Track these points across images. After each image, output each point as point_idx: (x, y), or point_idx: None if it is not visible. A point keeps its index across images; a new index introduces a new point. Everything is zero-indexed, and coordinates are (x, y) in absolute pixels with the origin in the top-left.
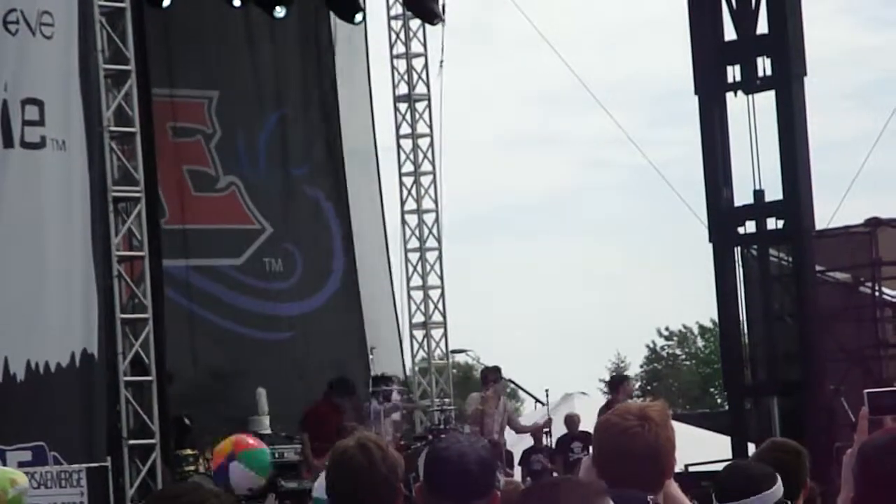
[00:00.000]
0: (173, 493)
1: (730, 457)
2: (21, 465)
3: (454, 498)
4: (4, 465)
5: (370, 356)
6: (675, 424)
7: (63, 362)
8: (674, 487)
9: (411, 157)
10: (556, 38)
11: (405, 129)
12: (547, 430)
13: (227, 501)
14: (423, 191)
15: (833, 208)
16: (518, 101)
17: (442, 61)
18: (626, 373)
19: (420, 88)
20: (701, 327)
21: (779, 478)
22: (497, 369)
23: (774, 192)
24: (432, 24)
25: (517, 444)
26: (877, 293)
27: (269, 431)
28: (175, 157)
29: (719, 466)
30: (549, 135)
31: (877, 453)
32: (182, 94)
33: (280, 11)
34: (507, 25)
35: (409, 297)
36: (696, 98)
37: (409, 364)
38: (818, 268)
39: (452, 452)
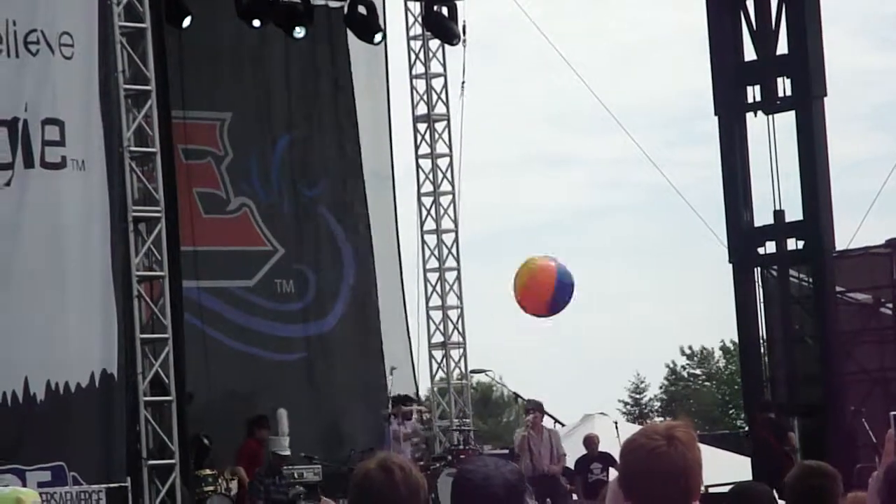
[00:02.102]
0: None
1: (749, 478)
2: (41, 485)
3: None
4: (24, 485)
5: (390, 376)
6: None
7: (83, 383)
8: None
9: (430, 177)
10: (575, 58)
11: (424, 149)
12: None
13: None
14: (442, 211)
15: (853, 229)
16: (536, 120)
17: (463, 82)
18: (647, 394)
19: (439, 108)
20: (722, 347)
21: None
22: (539, 403)
23: (794, 213)
24: (452, 44)
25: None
26: None
27: (288, 452)
28: (186, 179)
29: None
30: (566, 154)
31: None
32: (194, 115)
33: (299, 32)
34: (525, 46)
35: (429, 317)
36: (713, 118)
37: (427, 384)
38: (838, 288)
39: (478, 475)
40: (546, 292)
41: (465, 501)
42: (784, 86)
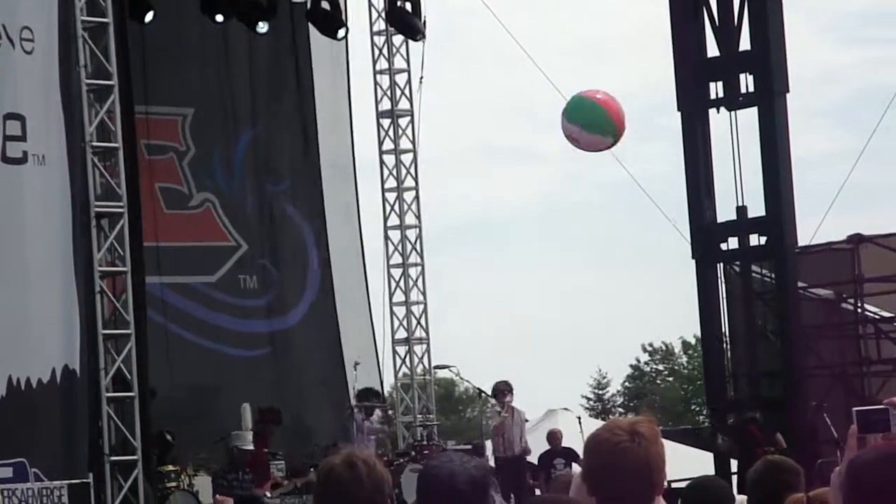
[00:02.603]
0: None
1: (712, 472)
2: (1, 481)
3: None
4: None
5: (354, 371)
6: None
7: (44, 378)
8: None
9: (394, 172)
10: (537, 52)
11: (388, 145)
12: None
13: None
14: (405, 206)
15: (815, 225)
16: (498, 114)
17: (421, 77)
18: (609, 390)
19: (403, 104)
20: (684, 343)
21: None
22: (508, 382)
23: (757, 209)
24: (415, 39)
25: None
26: (859, 309)
27: (251, 447)
28: (148, 175)
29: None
30: (528, 149)
31: (865, 470)
32: (156, 111)
33: (262, 27)
34: (487, 40)
35: (392, 312)
36: (675, 113)
37: (391, 380)
38: (801, 284)
39: (443, 471)
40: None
41: (431, 498)
42: (747, 82)
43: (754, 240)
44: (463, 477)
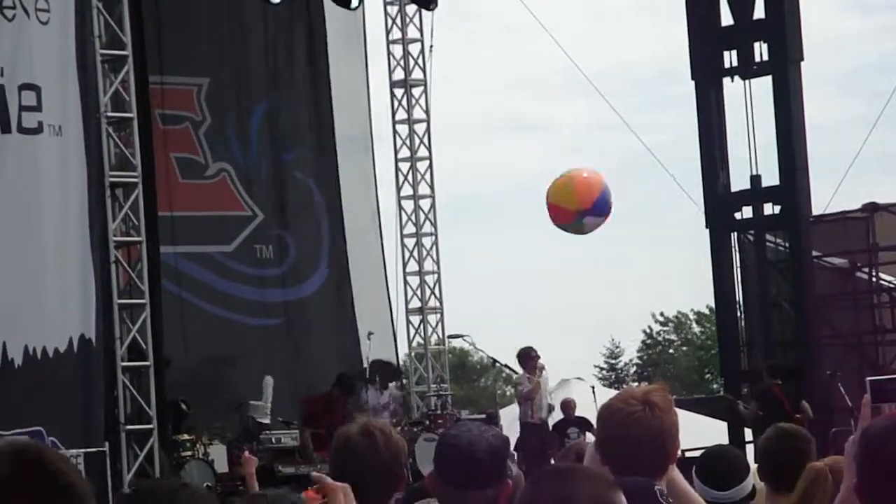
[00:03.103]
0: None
1: (726, 442)
2: None
3: (463, 486)
4: None
5: (368, 341)
6: None
7: (61, 348)
8: (677, 473)
9: (407, 142)
10: (550, 22)
11: (401, 115)
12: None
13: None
14: (419, 176)
15: (830, 193)
16: (511, 84)
17: (431, 46)
18: (622, 359)
19: (416, 74)
20: (697, 313)
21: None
22: (533, 349)
23: (771, 178)
24: (428, 9)
25: (511, 428)
26: (874, 278)
27: (268, 420)
28: (163, 145)
29: None
30: (541, 119)
31: (879, 438)
32: (172, 81)
33: None
34: (500, 9)
35: (406, 282)
36: (689, 82)
37: (405, 350)
38: (815, 253)
39: (462, 440)
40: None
41: (450, 466)
42: (761, 50)
43: (768, 209)
44: (482, 445)
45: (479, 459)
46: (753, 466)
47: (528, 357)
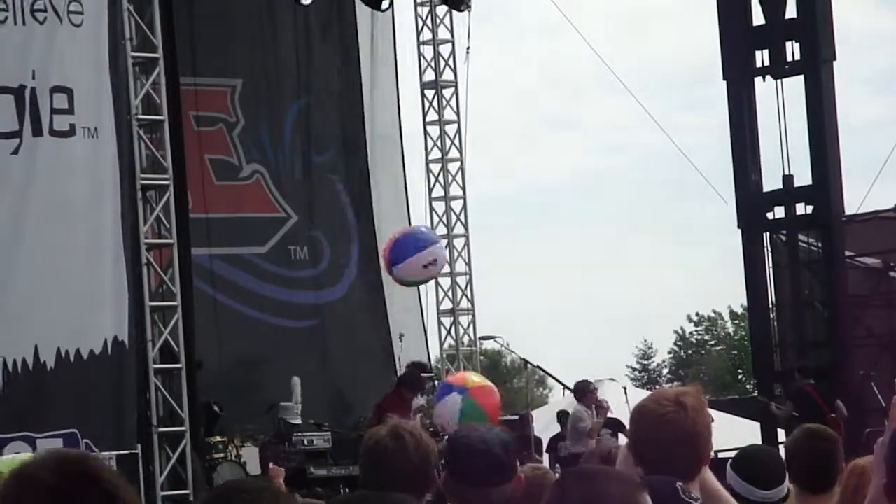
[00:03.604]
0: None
1: (759, 442)
2: None
3: (480, 483)
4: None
5: (399, 343)
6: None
7: (96, 349)
8: (709, 474)
9: (438, 143)
10: (580, 22)
11: (432, 116)
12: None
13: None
14: (450, 177)
15: (863, 193)
16: (542, 84)
17: (468, 48)
18: (655, 360)
19: (447, 75)
20: (732, 312)
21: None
22: (591, 383)
23: (803, 177)
24: (459, 10)
25: (544, 430)
26: None
27: (299, 421)
28: (198, 146)
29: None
30: (573, 119)
31: None
32: (205, 82)
33: None
34: (531, 10)
35: (437, 283)
36: (721, 82)
37: (436, 351)
38: (848, 253)
39: (475, 439)
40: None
41: (468, 465)
42: (793, 50)
43: (801, 209)
44: (495, 441)
45: (496, 455)
46: None
47: (586, 391)
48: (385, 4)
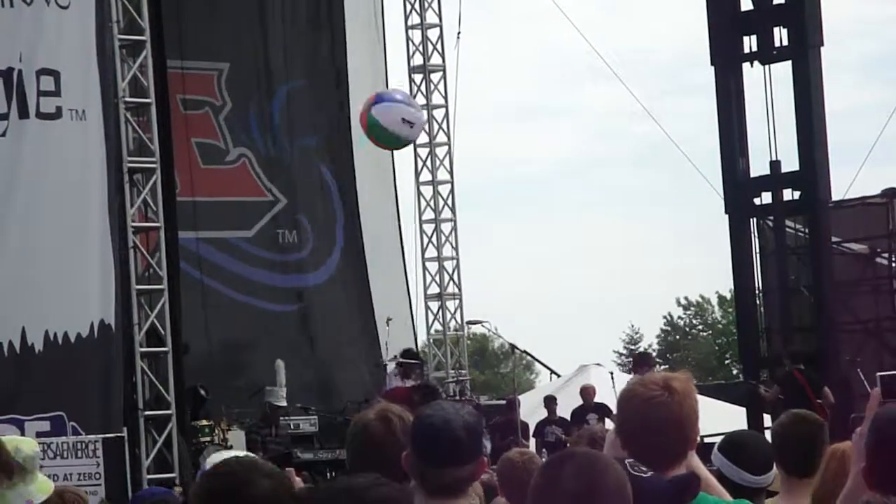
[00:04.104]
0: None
1: (745, 427)
2: (39, 435)
3: (440, 463)
4: (23, 435)
5: (387, 327)
6: None
7: (82, 333)
8: (696, 459)
9: (426, 128)
10: (571, 7)
11: (420, 100)
12: None
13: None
14: (438, 162)
15: (850, 179)
16: (531, 70)
17: (459, 33)
18: (641, 345)
19: (435, 59)
20: (720, 297)
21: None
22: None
23: (790, 163)
24: None
25: (531, 415)
26: (893, 264)
27: (284, 403)
28: (184, 130)
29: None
30: (561, 105)
31: (886, 420)
32: (192, 66)
33: None
34: None
35: (425, 268)
36: (708, 69)
37: (423, 336)
38: (834, 239)
39: (437, 419)
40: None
41: (427, 445)
42: (780, 35)
43: (788, 194)
44: (458, 423)
45: (457, 437)
46: None
47: (644, 363)
48: None
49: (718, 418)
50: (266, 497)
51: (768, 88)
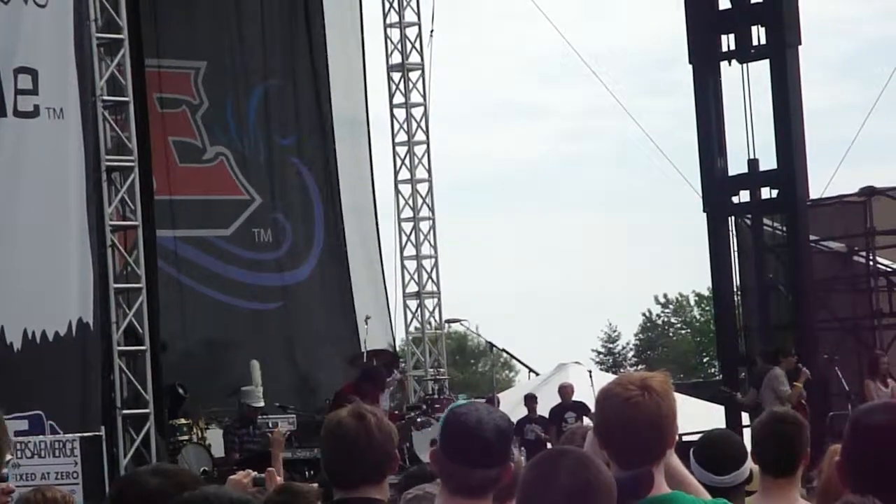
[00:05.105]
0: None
1: (723, 426)
2: (18, 433)
3: (469, 464)
4: None
5: (364, 326)
6: None
7: (61, 331)
8: (675, 458)
9: (405, 126)
10: (548, 5)
11: (398, 99)
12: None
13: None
14: (416, 160)
15: (827, 178)
16: (508, 69)
17: (432, 31)
18: (619, 343)
19: (413, 58)
20: (698, 295)
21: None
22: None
23: (768, 162)
24: None
25: (510, 413)
26: (871, 262)
27: (261, 404)
28: (161, 128)
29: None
30: (539, 104)
31: (865, 413)
32: (169, 64)
33: None
34: None
35: (403, 266)
36: (686, 67)
37: (402, 334)
38: (812, 237)
39: (471, 419)
40: None
41: (457, 444)
42: (758, 34)
43: (766, 193)
44: (490, 425)
45: (487, 439)
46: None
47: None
48: None
49: (696, 416)
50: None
51: (746, 87)
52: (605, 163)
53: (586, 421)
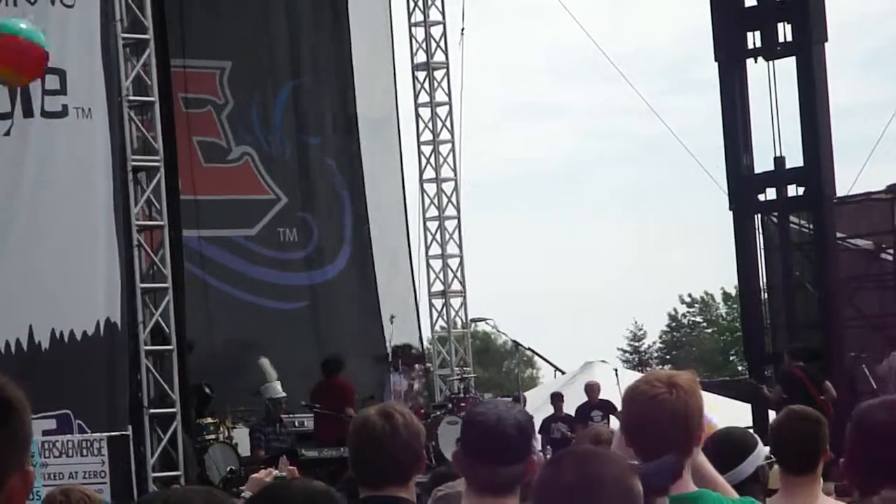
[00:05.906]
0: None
1: (750, 425)
2: (46, 433)
3: (490, 462)
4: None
5: (391, 324)
6: None
7: (88, 331)
8: (702, 457)
9: (430, 125)
10: (573, 5)
11: (423, 98)
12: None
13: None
14: (441, 159)
15: (854, 175)
16: (536, 68)
17: (463, 29)
18: (646, 341)
19: (438, 56)
20: (724, 294)
21: (759, 442)
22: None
23: (795, 159)
24: None
25: (535, 412)
26: None
27: (283, 395)
28: (186, 128)
29: None
30: (566, 102)
31: (866, 410)
32: (194, 64)
33: None
34: None
35: (429, 265)
36: (712, 65)
37: (428, 333)
38: (839, 235)
39: (490, 416)
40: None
41: (478, 443)
42: (785, 31)
43: (792, 190)
44: (510, 422)
45: (509, 435)
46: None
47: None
48: None
49: (724, 415)
50: None
51: (772, 84)
52: (631, 161)
53: (612, 419)
